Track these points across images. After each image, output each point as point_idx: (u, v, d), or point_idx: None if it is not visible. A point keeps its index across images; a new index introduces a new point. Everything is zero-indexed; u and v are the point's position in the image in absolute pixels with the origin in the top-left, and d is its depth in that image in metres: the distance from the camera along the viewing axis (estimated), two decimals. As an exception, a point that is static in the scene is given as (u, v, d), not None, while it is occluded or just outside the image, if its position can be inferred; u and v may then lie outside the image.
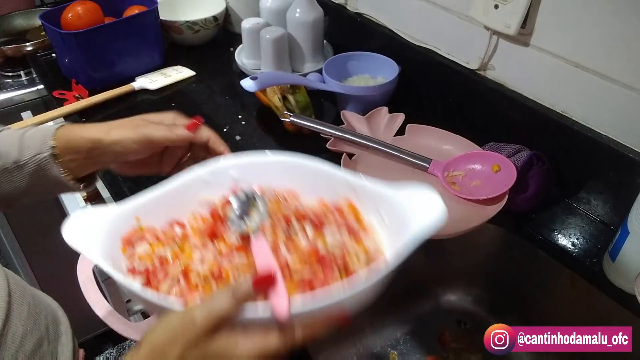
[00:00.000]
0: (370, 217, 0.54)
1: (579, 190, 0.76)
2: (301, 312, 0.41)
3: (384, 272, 0.45)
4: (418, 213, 0.48)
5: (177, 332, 0.39)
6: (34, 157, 0.55)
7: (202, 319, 0.39)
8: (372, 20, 1.05)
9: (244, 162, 0.57)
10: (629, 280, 0.62)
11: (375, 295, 0.47)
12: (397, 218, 0.51)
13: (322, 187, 0.56)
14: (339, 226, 0.52)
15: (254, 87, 0.85)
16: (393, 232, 0.51)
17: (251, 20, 1.07)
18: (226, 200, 0.54)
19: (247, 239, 0.50)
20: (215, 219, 0.53)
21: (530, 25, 0.74)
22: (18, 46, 1.19)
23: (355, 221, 0.53)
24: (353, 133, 0.82)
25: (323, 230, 0.52)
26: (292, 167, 0.57)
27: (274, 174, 0.56)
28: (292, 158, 0.57)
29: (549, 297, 0.74)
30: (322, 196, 0.56)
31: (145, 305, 0.48)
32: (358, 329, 0.79)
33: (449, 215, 0.47)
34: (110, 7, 1.09)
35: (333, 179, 0.55)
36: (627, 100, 0.66)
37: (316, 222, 0.52)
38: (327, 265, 0.48)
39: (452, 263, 0.83)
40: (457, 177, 0.78)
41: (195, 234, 0.53)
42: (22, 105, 1.16)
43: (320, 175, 0.56)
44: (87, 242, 0.46)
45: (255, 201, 0.53)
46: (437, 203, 0.49)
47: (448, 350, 0.79)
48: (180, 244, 0.52)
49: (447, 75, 0.89)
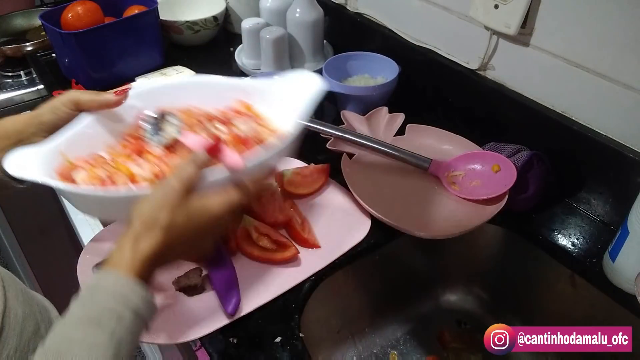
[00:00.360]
0: (264, 108, 0.65)
1: (579, 190, 0.76)
2: (251, 164, 0.52)
3: (294, 134, 0.57)
4: (301, 91, 0.62)
5: (162, 199, 0.47)
6: None
7: (178, 184, 0.48)
8: (372, 20, 1.05)
9: (142, 91, 0.65)
10: (629, 280, 0.62)
11: (289, 153, 0.61)
12: (286, 101, 0.63)
13: (216, 97, 0.65)
14: (243, 118, 0.63)
15: (254, 87, 0.85)
16: (286, 113, 0.62)
17: (251, 20, 1.07)
18: (137, 125, 0.63)
19: (172, 146, 0.60)
20: (135, 139, 0.62)
21: (530, 25, 0.74)
22: (18, 46, 1.19)
23: (252, 114, 0.65)
24: (353, 133, 0.82)
25: (233, 123, 0.62)
26: (185, 87, 0.67)
27: (173, 96, 0.65)
28: (183, 79, 0.69)
29: (549, 297, 0.75)
30: (218, 105, 0.65)
31: (109, 207, 0.53)
32: (358, 328, 0.79)
33: (449, 215, 0.48)
34: (110, 7, 1.09)
35: (223, 87, 0.67)
36: (627, 100, 0.66)
37: (224, 119, 0.63)
38: (250, 144, 0.59)
39: (452, 263, 0.83)
40: (457, 177, 0.78)
41: (121, 156, 0.59)
42: (22, 105, 1.16)
43: (212, 87, 0.67)
44: (31, 170, 0.52)
45: (163, 118, 0.62)
46: (312, 77, 0.63)
47: (448, 350, 0.79)
48: (115, 165, 0.58)
49: (447, 75, 0.89)
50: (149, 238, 0.46)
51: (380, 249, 0.73)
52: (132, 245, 0.46)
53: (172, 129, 0.60)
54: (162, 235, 0.46)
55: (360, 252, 0.70)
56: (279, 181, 0.77)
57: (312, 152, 0.85)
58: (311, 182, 0.78)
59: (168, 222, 0.46)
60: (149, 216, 0.47)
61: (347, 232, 0.71)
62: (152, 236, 0.46)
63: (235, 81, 0.67)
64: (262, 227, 0.70)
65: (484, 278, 0.83)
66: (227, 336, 0.59)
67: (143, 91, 0.65)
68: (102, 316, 0.43)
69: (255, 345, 0.58)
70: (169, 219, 0.46)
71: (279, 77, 0.65)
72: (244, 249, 0.68)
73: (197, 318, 0.60)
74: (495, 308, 0.83)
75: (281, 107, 0.63)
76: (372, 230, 0.72)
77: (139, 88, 0.65)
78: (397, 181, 0.79)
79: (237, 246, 0.68)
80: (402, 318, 0.83)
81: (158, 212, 0.46)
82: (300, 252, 0.68)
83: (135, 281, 0.45)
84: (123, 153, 0.60)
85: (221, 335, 0.59)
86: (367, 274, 0.75)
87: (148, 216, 0.47)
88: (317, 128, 0.81)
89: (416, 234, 0.68)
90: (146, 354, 1.32)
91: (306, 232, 0.70)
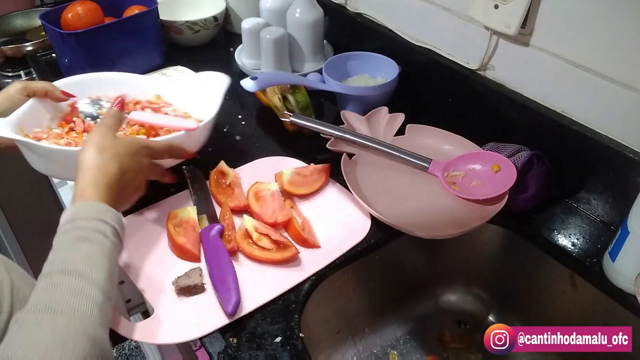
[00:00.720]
0: (177, 100, 0.83)
1: (579, 190, 0.76)
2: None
3: (209, 121, 0.74)
4: (211, 85, 0.81)
5: (99, 134, 0.60)
6: None
7: (105, 123, 0.63)
8: (372, 20, 1.05)
9: (71, 81, 0.79)
10: (629, 280, 0.62)
11: (203, 139, 0.76)
12: (199, 94, 0.82)
13: (136, 91, 0.82)
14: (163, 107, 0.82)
15: (254, 87, 0.85)
16: (198, 104, 0.81)
17: (251, 20, 1.07)
18: (73, 109, 0.77)
19: None
20: (68, 122, 0.76)
21: (530, 25, 0.74)
22: (18, 46, 1.19)
23: (166, 104, 0.83)
24: (353, 133, 0.82)
25: (161, 111, 0.80)
26: (109, 81, 0.82)
27: (100, 88, 0.81)
28: (103, 74, 0.83)
29: (549, 297, 0.74)
30: (138, 97, 0.81)
31: (60, 159, 0.66)
32: (358, 328, 0.79)
33: (449, 215, 0.48)
34: (110, 7, 1.09)
35: (141, 82, 0.84)
36: (627, 100, 0.66)
37: (149, 106, 0.80)
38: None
39: (452, 263, 0.83)
40: (457, 177, 0.78)
41: (72, 133, 0.74)
42: (22, 105, 1.16)
43: (130, 83, 0.83)
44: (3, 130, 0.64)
45: (99, 103, 0.78)
46: (219, 75, 0.82)
47: (448, 350, 0.79)
48: (72, 137, 0.72)
49: (447, 75, 0.89)
50: (107, 164, 0.57)
51: (380, 249, 0.73)
52: (93, 177, 0.56)
53: None
54: (114, 158, 0.58)
55: (360, 252, 0.70)
56: (279, 181, 0.77)
57: (312, 152, 0.85)
58: (311, 182, 0.78)
59: (113, 144, 0.59)
60: (98, 145, 0.58)
61: (347, 232, 0.72)
62: (107, 160, 0.57)
63: (151, 78, 0.87)
64: (262, 227, 0.70)
65: (484, 278, 0.83)
66: (227, 336, 0.59)
67: (72, 82, 0.80)
68: (88, 235, 0.51)
69: (255, 345, 0.58)
70: (113, 142, 0.59)
71: (190, 76, 0.87)
72: (244, 249, 0.68)
73: (197, 318, 0.60)
74: (495, 308, 0.83)
75: (193, 100, 0.82)
76: (372, 230, 0.72)
77: (69, 79, 0.80)
78: (397, 181, 0.79)
79: (237, 246, 0.68)
80: (402, 318, 0.83)
81: (103, 140, 0.59)
82: (300, 252, 0.68)
83: (107, 205, 0.55)
84: (72, 129, 0.75)
85: (221, 335, 0.59)
86: (367, 274, 0.75)
87: (98, 145, 0.58)
88: (317, 128, 0.81)
89: (416, 234, 0.68)
90: (146, 354, 1.32)
91: (306, 232, 0.70)
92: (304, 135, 0.89)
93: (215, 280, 0.62)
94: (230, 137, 0.91)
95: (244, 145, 0.90)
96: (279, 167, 0.80)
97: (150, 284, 0.64)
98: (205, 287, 0.63)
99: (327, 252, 0.69)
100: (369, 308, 0.80)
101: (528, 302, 0.78)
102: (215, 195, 0.76)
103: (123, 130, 0.73)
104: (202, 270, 0.64)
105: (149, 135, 0.74)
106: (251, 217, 0.71)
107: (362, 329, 0.80)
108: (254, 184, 0.77)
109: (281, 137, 0.91)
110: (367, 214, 0.73)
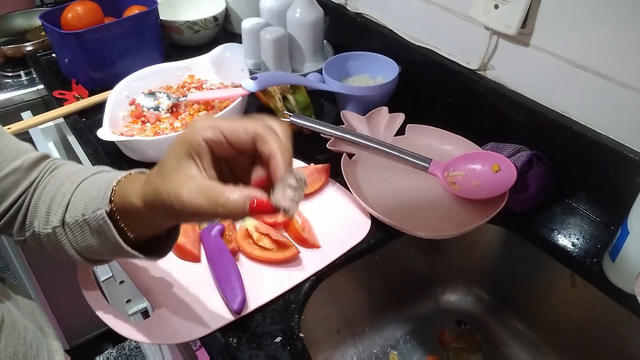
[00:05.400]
0: (208, 76, 1.00)
1: (579, 190, 0.76)
2: None
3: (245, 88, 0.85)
4: (229, 55, 0.98)
5: None
6: (95, 212, 0.45)
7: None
8: (372, 20, 1.05)
9: (123, 86, 0.91)
10: (629, 280, 0.62)
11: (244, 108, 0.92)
12: (222, 66, 0.98)
13: (173, 77, 0.97)
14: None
15: (254, 87, 0.85)
16: (227, 73, 0.97)
17: (251, 20, 1.07)
18: (135, 105, 0.90)
19: (174, 110, 0.90)
20: (138, 117, 0.88)
21: (530, 25, 0.74)
22: (18, 46, 1.19)
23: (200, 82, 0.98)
24: (353, 133, 0.82)
25: (203, 88, 0.96)
26: (148, 75, 0.94)
27: (145, 82, 0.94)
28: (142, 71, 0.94)
29: (549, 297, 0.74)
30: (174, 82, 0.97)
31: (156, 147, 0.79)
32: (358, 329, 0.79)
33: (449, 215, 0.48)
34: (110, 7, 1.09)
35: (172, 69, 0.98)
36: (627, 100, 0.66)
37: (197, 87, 0.96)
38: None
39: (452, 263, 0.83)
40: (457, 177, 0.78)
41: (147, 124, 0.87)
42: (22, 105, 1.16)
43: (164, 71, 0.96)
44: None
45: (154, 95, 0.91)
46: (233, 45, 0.99)
47: (448, 350, 0.79)
48: (154, 128, 0.85)
49: (447, 75, 0.89)
50: None
51: (380, 249, 0.73)
52: None
53: (165, 99, 0.90)
54: None
55: (360, 252, 0.70)
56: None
57: (312, 152, 0.85)
58: (311, 182, 0.78)
59: None
60: None
61: (347, 232, 0.72)
62: None
63: (178, 63, 0.98)
64: (262, 227, 0.70)
65: (484, 278, 0.83)
66: (227, 336, 0.59)
67: (123, 86, 0.91)
68: None
69: (255, 345, 0.58)
70: None
71: (209, 53, 0.99)
72: (245, 249, 0.68)
73: (197, 318, 0.60)
74: (495, 308, 0.83)
75: (220, 72, 0.98)
76: (372, 230, 0.72)
77: (121, 86, 0.91)
78: (397, 181, 0.79)
79: (237, 246, 0.68)
80: (402, 318, 0.83)
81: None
82: (301, 252, 0.68)
83: None
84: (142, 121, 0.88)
85: (221, 335, 0.59)
86: (367, 274, 0.75)
87: None
88: (317, 128, 0.81)
89: (416, 234, 0.68)
90: (146, 354, 1.32)
91: (306, 232, 0.70)
92: (304, 135, 0.89)
93: (219, 279, 0.62)
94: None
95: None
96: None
97: (150, 284, 0.64)
98: None
99: (327, 252, 0.69)
100: (369, 308, 0.80)
101: (528, 302, 0.78)
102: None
103: (185, 111, 0.89)
104: None
105: (208, 109, 0.89)
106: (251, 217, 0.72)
107: (362, 329, 0.80)
108: (254, 184, 0.77)
109: (281, 137, 0.91)
110: (367, 214, 0.73)
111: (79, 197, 0.47)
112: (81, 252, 0.49)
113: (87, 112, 0.98)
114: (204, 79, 0.99)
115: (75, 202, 0.47)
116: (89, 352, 1.67)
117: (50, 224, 0.48)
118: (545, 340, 0.77)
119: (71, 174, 0.51)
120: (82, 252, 0.49)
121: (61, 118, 0.98)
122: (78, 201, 0.47)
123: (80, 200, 0.47)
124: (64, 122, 0.99)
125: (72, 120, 0.96)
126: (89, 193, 0.47)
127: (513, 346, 0.79)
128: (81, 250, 0.48)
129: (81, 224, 0.46)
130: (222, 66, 0.98)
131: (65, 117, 0.97)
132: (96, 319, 0.60)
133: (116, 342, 1.70)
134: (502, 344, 0.80)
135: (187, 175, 0.38)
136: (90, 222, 0.46)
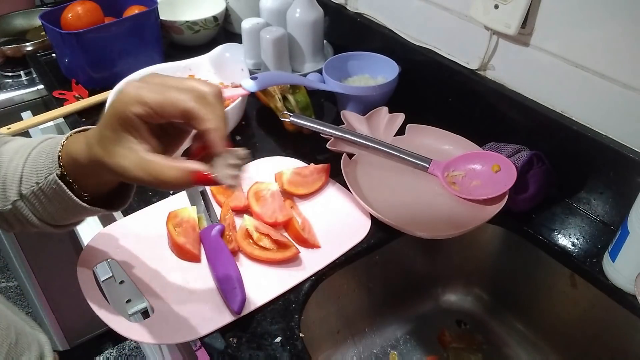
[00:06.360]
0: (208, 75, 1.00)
1: (579, 190, 0.76)
2: None
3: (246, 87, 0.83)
4: (229, 55, 0.99)
5: None
6: (47, 178, 0.47)
7: None
8: (372, 20, 1.05)
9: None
10: (629, 280, 0.62)
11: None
12: (222, 66, 0.99)
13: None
14: None
15: (254, 87, 0.85)
16: (227, 73, 0.98)
17: (251, 20, 1.07)
18: None
19: None
20: None
21: (530, 25, 0.74)
22: (18, 46, 1.19)
23: None
24: (353, 133, 0.82)
25: None
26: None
27: None
28: (146, 69, 0.94)
29: (549, 297, 0.74)
30: None
31: None
32: (358, 329, 0.79)
33: (449, 215, 0.48)
34: (110, 7, 1.09)
35: (172, 68, 0.98)
36: (627, 100, 0.66)
37: None
38: None
39: (452, 263, 0.83)
40: (457, 177, 0.78)
41: None
42: (22, 105, 1.16)
43: (166, 71, 0.94)
44: None
45: None
46: (233, 45, 0.99)
47: (448, 350, 0.79)
48: None
49: (447, 75, 0.89)
50: None
51: (380, 249, 0.73)
52: None
53: None
54: None
55: (360, 252, 0.70)
56: (279, 181, 0.77)
57: (312, 152, 0.85)
58: (311, 182, 0.78)
59: None
60: None
61: (347, 232, 0.72)
62: None
63: (179, 63, 1.00)
64: (262, 227, 0.70)
65: (484, 278, 0.83)
66: (227, 336, 0.59)
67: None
68: None
69: (255, 345, 0.58)
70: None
71: (209, 53, 1.00)
72: (245, 249, 0.68)
73: (197, 318, 0.60)
74: (495, 308, 0.83)
75: (220, 72, 0.99)
76: (372, 230, 0.72)
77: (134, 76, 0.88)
78: (397, 181, 0.79)
79: (237, 246, 0.68)
80: (402, 318, 0.83)
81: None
82: (301, 252, 0.68)
83: None
84: None
85: (221, 335, 0.59)
86: (367, 274, 0.75)
87: None
88: (317, 128, 0.81)
89: (416, 234, 0.68)
90: (146, 354, 1.32)
91: (306, 232, 0.70)
92: (304, 135, 0.89)
93: (219, 279, 0.62)
94: (230, 137, 0.91)
95: (244, 145, 0.90)
96: (279, 167, 0.80)
97: (150, 284, 0.64)
98: None
99: (327, 252, 0.69)
100: (369, 308, 0.80)
101: (528, 302, 0.78)
102: (215, 195, 0.76)
103: None
104: None
105: None
106: (251, 217, 0.71)
107: (362, 329, 0.80)
108: (254, 184, 0.77)
109: (281, 137, 0.91)
110: (367, 214, 0.73)
111: (30, 167, 0.49)
112: (45, 219, 0.50)
113: (87, 112, 0.98)
114: (204, 78, 0.99)
115: (28, 173, 0.49)
116: (89, 352, 1.67)
117: (9, 200, 0.49)
118: (545, 340, 0.77)
119: (18, 147, 0.52)
120: (46, 220, 0.50)
121: (61, 118, 0.98)
122: (30, 172, 0.49)
123: (32, 170, 0.48)
124: (64, 122, 0.99)
125: (72, 120, 0.96)
126: (38, 161, 0.48)
127: (513, 346, 0.79)
128: (45, 218, 0.50)
129: (37, 192, 0.48)
130: (222, 66, 0.99)
131: (65, 117, 0.97)
132: (96, 319, 0.60)
133: (116, 342, 1.70)
134: (502, 344, 0.80)
135: (127, 148, 0.40)
136: (45, 189, 0.47)
